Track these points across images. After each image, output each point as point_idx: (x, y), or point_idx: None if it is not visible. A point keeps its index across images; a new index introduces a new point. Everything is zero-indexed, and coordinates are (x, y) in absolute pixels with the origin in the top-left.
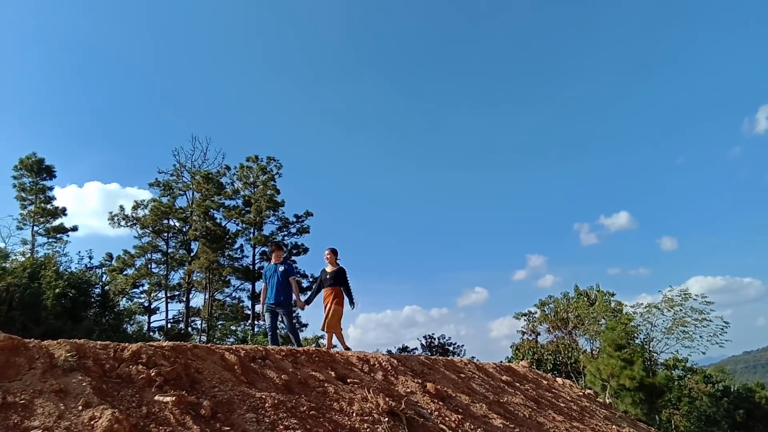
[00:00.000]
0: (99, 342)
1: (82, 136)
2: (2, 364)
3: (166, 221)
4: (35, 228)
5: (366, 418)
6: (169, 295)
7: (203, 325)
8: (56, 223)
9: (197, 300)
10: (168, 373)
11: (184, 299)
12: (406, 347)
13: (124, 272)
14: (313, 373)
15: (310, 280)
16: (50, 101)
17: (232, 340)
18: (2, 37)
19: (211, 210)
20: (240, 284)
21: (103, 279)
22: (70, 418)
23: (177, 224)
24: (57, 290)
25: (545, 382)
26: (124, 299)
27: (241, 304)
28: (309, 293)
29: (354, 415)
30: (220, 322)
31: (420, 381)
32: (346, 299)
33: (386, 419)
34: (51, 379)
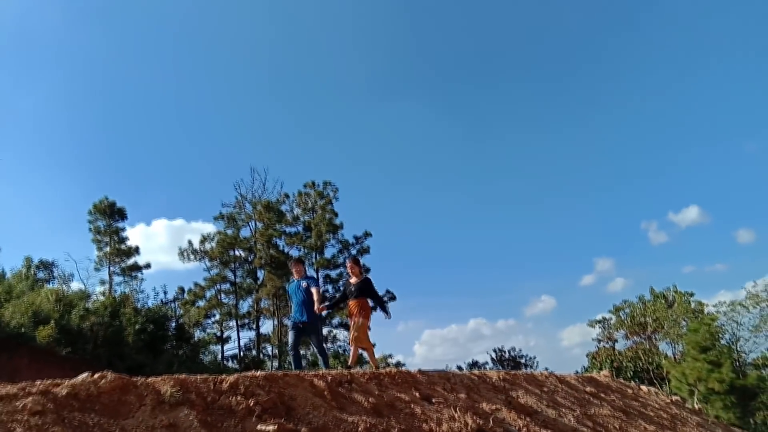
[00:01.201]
0: (198, 376)
1: (146, 176)
2: (115, 402)
3: (232, 252)
4: (111, 268)
5: None
6: (239, 323)
7: (274, 351)
8: (130, 262)
9: (266, 326)
10: (265, 402)
11: (254, 326)
12: (476, 362)
13: (196, 304)
14: (399, 394)
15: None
16: (113, 144)
17: (303, 363)
18: (70, 86)
19: (274, 238)
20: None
21: (178, 312)
22: None
23: (243, 254)
24: (137, 326)
25: (630, 391)
26: (198, 330)
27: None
28: (331, 300)
29: None
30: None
31: (503, 397)
32: (374, 311)
33: None
34: (161, 415)
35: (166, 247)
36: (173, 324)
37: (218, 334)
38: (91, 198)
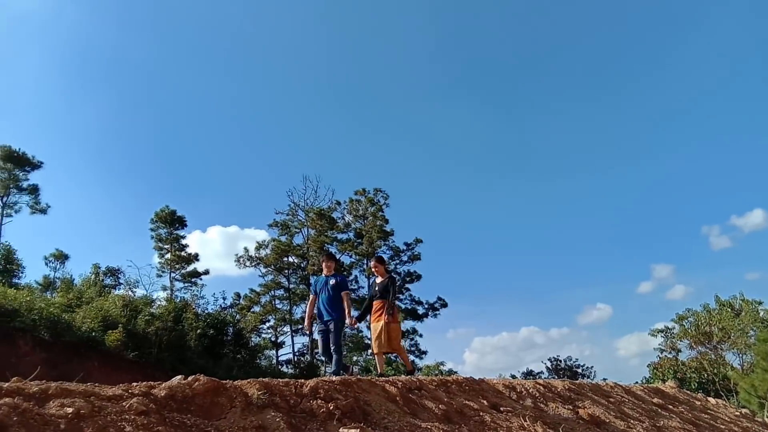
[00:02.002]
0: (280, 380)
1: (201, 184)
2: (208, 404)
3: (286, 259)
4: (172, 274)
5: None
6: (293, 329)
7: None
8: (190, 268)
9: None
10: (344, 407)
11: (308, 332)
12: (531, 371)
13: (252, 310)
14: (467, 402)
15: (426, 306)
16: (169, 152)
17: (356, 369)
18: (127, 96)
19: (326, 245)
20: (357, 315)
21: (236, 318)
22: None
23: (296, 261)
24: (198, 331)
25: (698, 402)
26: (254, 336)
27: (360, 334)
28: (362, 310)
29: None
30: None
31: (570, 407)
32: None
33: None
34: (250, 416)
35: (220, 254)
36: (231, 329)
37: (273, 339)
38: (149, 206)
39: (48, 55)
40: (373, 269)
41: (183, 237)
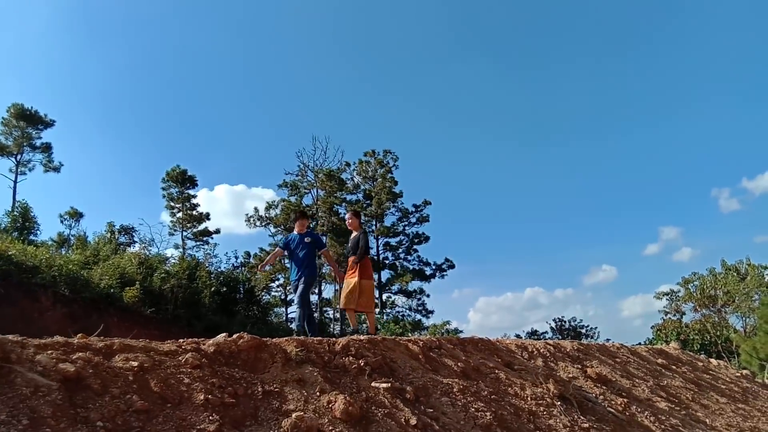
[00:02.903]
0: (314, 338)
1: (209, 142)
2: (252, 359)
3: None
4: (184, 233)
5: (540, 402)
6: None
7: (336, 315)
8: (201, 227)
9: (328, 291)
10: (373, 363)
11: (316, 291)
12: (536, 331)
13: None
14: (483, 360)
15: (433, 267)
16: (176, 109)
17: (365, 327)
18: (135, 52)
19: (335, 205)
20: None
21: (247, 276)
22: (313, 402)
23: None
24: (212, 288)
25: (700, 363)
26: (264, 294)
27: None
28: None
29: (529, 399)
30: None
31: (579, 366)
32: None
33: (558, 403)
34: (290, 371)
35: (228, 212)
36: (243, 287)
37: (282, 297)
38: (156, 164)
39: (55, 10)
40: (347, 223)
41: (194, 196)
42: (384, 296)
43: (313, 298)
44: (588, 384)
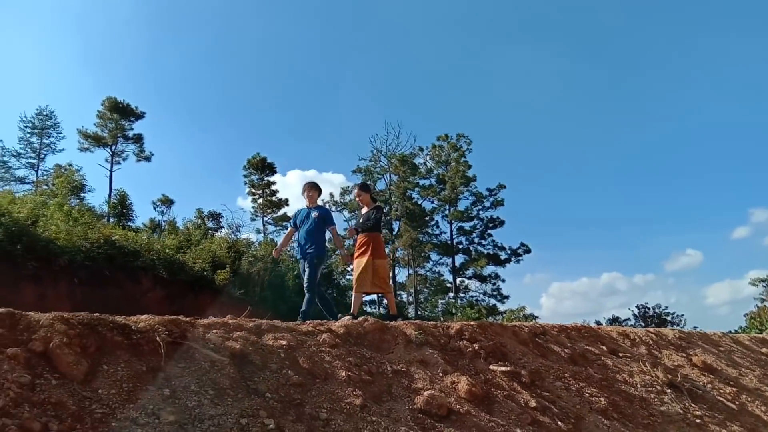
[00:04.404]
0: (429, 322)
1: (282, 129)
2: (378, 340)
3: None
4: (264, 218)
5: (650, 389)
6: None
7: (410, 299)
8: (281, 212)
9: (401, 275)
10: (487, 347)
11: (391, 275)
12: (617, 318)
13: (336, 252)
14: (588, 347)
15: (508, 252)
16: (252, 96)
17: (439, 310)
18: (214, 42)
19: (408, 190)
20: (439, 259)
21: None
22: (438, 382)
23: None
24: (295, 272)
25: None
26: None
27: (441, 278)
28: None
29: (638, 385)
30: (421, 296)
31: (683, 355)
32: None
33: (669, 390)
34: (413, 352)
35: (300, 197)
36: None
37: None
38: (231, 150)
39: (137, 4)
40: (356, 198)
41: (273, 183)
42: (458, 281)
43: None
44: (694, 372)
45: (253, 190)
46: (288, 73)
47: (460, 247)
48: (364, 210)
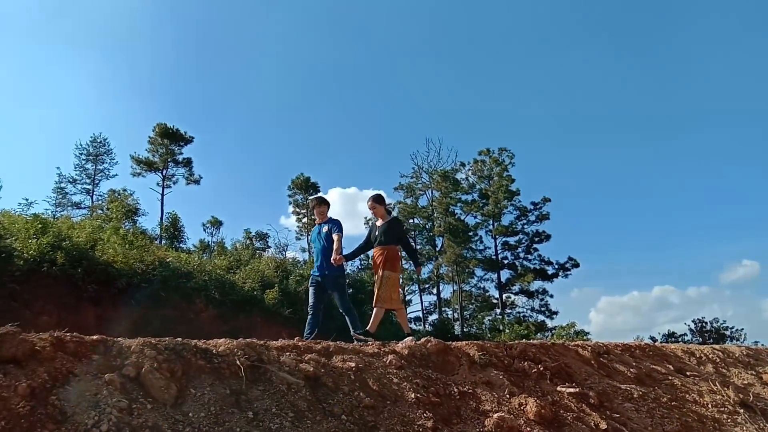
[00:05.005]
0: (491, 342)
1: (321, 147)
2: (441, 362)
3: (411, 221)
4: (309, 237)
5: (722, 409)
6: (420, 288)
7: (455, 315)
8: None
9: (446, 291)
10: (552, 368)
11: (434, 291)
12: (673, 333)
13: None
14: (654, 366)
15: (556, 267)
16: (291, 119)
17: (486, 327)
18: (256, 64)
19: (451, 206)
20: (484, 274)
21: (373, 278)
22: (505, 404)
23: (422, 222)
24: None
25: None
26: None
27: (486, 294)
28: (353, 250)
29: (709, 405)
30: (466, 312)
31: (753, 373)
32: (404, 261)
33: (741, 410)
34: (477, 373)
35: (340, 214)
36: (368, 287)
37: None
38: (273, 170)
39: (178, 31)
40: (370, 210)
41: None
42: (504, 296)
43: (432, 297)
44: (766, 391)
45: (298, 210)
46: (327, 90)
47: (506, 262)
48: (379, 222)
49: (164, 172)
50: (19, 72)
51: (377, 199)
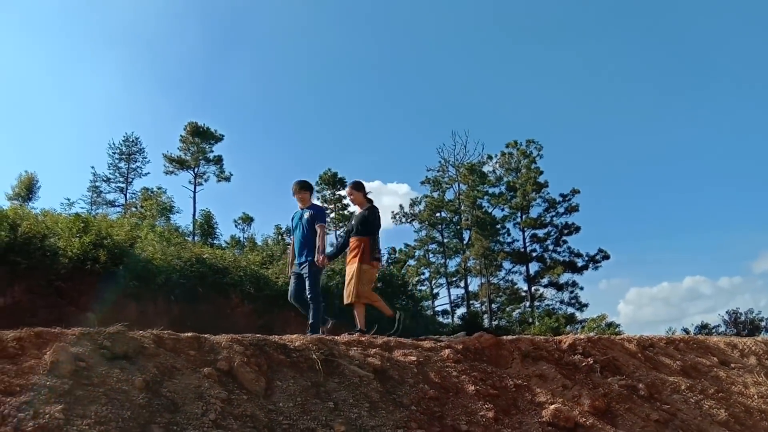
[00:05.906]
0: (540, 336)
1: (346, 141)
2: (495, 356)
3: (438, 214)
4: (337, 232)
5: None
6: (448, 281)
7: (483, 308)
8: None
9: (473, 284)
10: (602, 361)
11: (462, 285)
12: (707, 324)
13: (407, 263)
14: (698, 358)
15: (585, 259)
16: (316, 113)
17: (516, 319)
18: (278, 57)
19: (478, 199)
20: (512, 267)
21: (402, 271)
22: (560, 395)
23: (449, 216)
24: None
25: None
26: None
27: (515, 286)
28: (335, 248)
29: (755, 397)
30: (494, 305)
31: None
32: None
33: None
34: (530, 367)
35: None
36: (397, 281)
37: (427, 290)
38: (297, 164)
39: (204, 28)
40: (349, 198)
41: (344, 197)
42: (532, 289)
43: (459, 290)
44: None
45: (325, 205)
46: (354, 83)
47: (534, 254)
48: (357, 210)
49: (196, 170)
50: (49, 70)
51: (356, 186)
